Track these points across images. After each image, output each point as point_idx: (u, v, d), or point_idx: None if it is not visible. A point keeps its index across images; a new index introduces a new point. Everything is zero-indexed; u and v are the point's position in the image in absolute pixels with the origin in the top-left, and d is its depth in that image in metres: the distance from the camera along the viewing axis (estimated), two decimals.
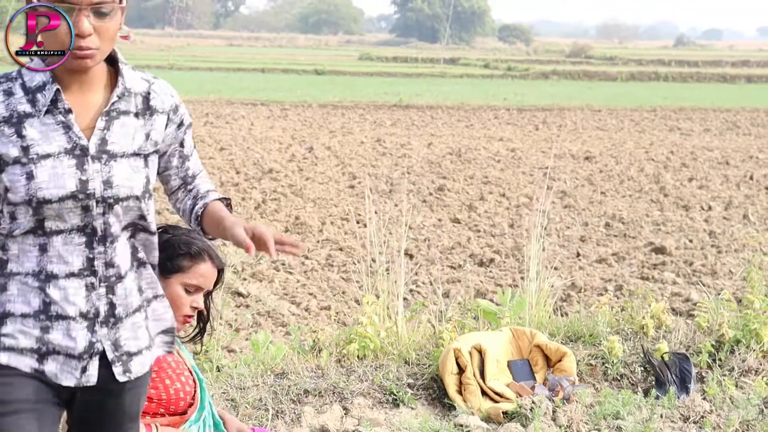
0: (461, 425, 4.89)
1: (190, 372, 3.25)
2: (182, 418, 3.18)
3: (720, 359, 5.97)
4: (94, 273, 2.45)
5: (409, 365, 5.63)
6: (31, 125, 2.45)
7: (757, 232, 11.85)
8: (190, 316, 3.16)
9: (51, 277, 2.44)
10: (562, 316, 6.93)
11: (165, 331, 2.69)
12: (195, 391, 3.24)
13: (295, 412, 4.96)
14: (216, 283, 3.28)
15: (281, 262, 9.94)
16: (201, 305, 3.18)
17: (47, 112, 2.46)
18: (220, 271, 3.27)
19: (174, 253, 3.15)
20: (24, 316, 2.46)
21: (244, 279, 9.12)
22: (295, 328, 6.60)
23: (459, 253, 10.68)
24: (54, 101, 2.47)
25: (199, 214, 2.68)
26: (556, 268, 9.14)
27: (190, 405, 3.20)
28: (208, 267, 3.19)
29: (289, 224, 11.84)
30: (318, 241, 11.07)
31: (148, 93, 2.61)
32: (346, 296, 8.83)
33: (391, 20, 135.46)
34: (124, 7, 2.51)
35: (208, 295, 3.29)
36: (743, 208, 13.92)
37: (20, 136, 2.43)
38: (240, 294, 8.61)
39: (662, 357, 5.70)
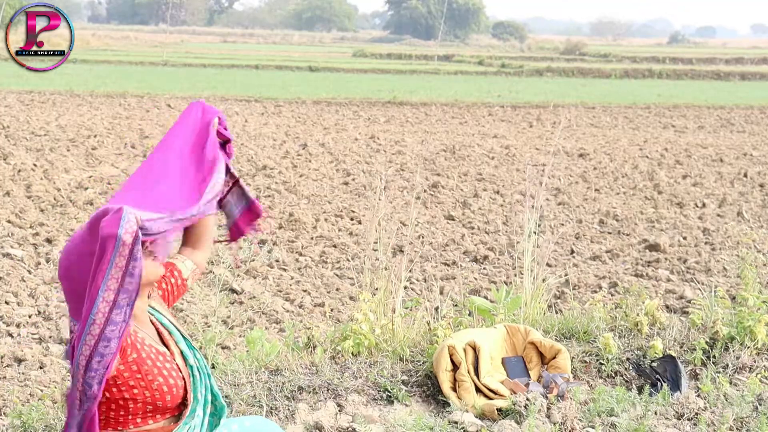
0: (455, 422, 4.88)
1: (182, 365, 3.20)
2: (176, 425, 3.13)
3: (714, 356, 5.98)
4: None
5: (403, 362, 5.62)
6: None
7: (751, 229, 11.87)
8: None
9: None
10: (556, 313, 6.93)
11: None
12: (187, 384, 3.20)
13: (289, 409, 4.95)
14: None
15: (275, 259, 9.93)
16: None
17: None
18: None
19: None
20: None
21: (238, 276, 9.11)
22: (289, 324, 6.59)
23: (453, 250, 10.67)
24: None
25: None
26: (549, 265, 9.14)
27: (183, 399, 3.14)
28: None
29: (283, 221, 11.82)
30: (312, 238, 11.05)
31: None
32: (340, 293, 8.83)
33: (384, 17, 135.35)
34: None
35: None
36: (737, 205, 13.93)
37: None
38: (234, 291, 8.60)
39: (650, 364, 5.70)
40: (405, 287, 6.42)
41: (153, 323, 3.22)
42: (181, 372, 3.15)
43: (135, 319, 3.10)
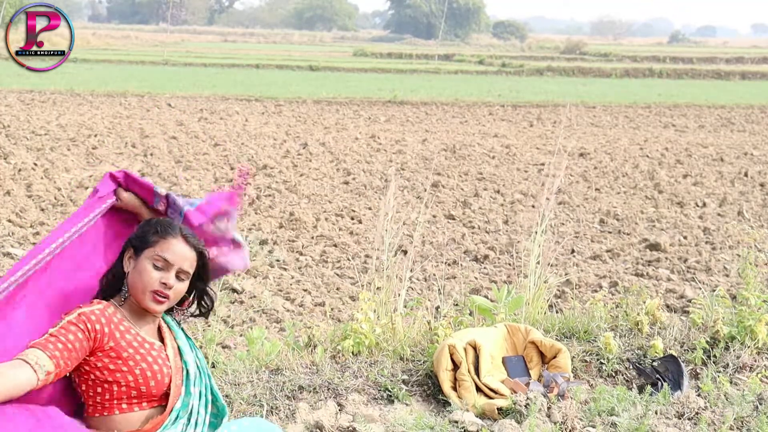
0: (456, 421, 4.88)
1: (173, 357, 3.24)
2: (162, 417, 3.15)
3: (714, 356, 5.97)
4: None
5: (403, 361, 5.62)
6: None
7: (752, 228, 11.86)
8: (160, 294, 3.16)
9: None
10: (556, 312, 6.93)
11: None
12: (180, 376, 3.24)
13: (289, 408, 4.95)
14: (203, 269, 3.29)
15: (276, 258, 9.93)
16: (172, 283, 3.19)
17: None
18: (202, 256, 3.27)
19: (144, 233, 3.24)
20: None
21: (239, 275, 9.11)
22: (289, 324, 6.59)
23: (453, 250, 10.67)
24: None
25: None
26: (550, 265, 9.14)
27: (168, 388, 3.17)
28: (178, 242, 3.22)
29: (284, 220, 11.82)
30: (312, 237, 11.05)
31: None
32: (340, 292, 8.82)
33: (385, 16, 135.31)
34: None
35: (201, 281, 3.31)
36: (738, 204, 13.93)
37: None
38: (234, 290, 8.60)
39: (652, 364, 5.70)
40: (405, 287, 6.42)
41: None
42: (169, 362, 3.19)
43: (133, 314, 3.22)
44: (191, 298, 3.41)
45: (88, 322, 3.03)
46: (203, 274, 3.33)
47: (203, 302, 3.43)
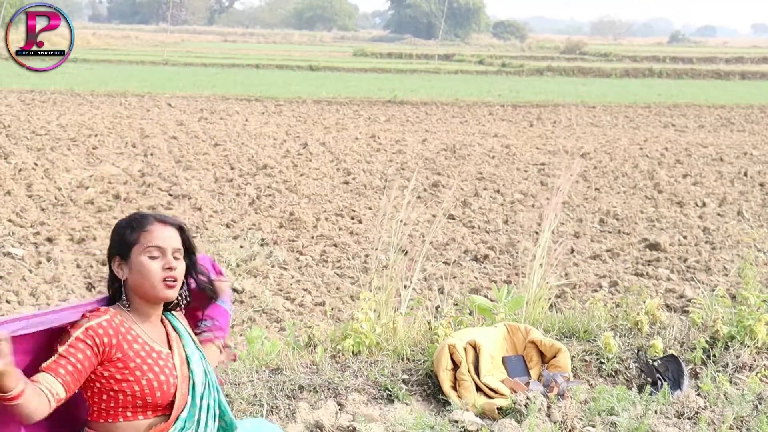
0: (456, 421, 4.88)
1: (179, 364, 3.23)
2: (166, 425, 3.15)
3: (714, 355, 5.98)
4: None
5: (403, 361, 5.62)
6: None
7: (752, 228, 11.87)
8: (170, 279, 3.18)
9: None
10: (556, 312, 6.93)
11: None
12: (187, 386, 3.22)
13: (290, 408, 4.96)
14: (188, 242, 3.31)
15: (276, 258, 9.93)
16: (174, 265, 3.20)
17: None
18: (182, 231, 3.29)
19: (122, 236, 3.21)
20: None
21: (239, 275, 9.11)
22: (289, 323, 6.60)
23: (453, 249, 10.68)
24: None
25: None
26: (551, 265, 9.15)
27: (173, 397, 3.17)
28: (159, 227, 3.22)
29: (284, 220, 11.83)
30: (312, 237, 11.06)
31: None
32: (340, 292, 8.83)
33: (385, 16, 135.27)
34: None
35: (188, 256, 3.32)
36: (737, 204, 13.93)
37: None
38: (235, 290, 8.60)
39: (652, 363, 5.70)
40: (405, 286, 6.42)
41: (164, 325, 3.31)
42: (176, 371, 3.18)
43: (140, 317, 3.22)
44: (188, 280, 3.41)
45: (96, 337, 3.03)
46: (189, 247, 3.33)
47: (199, 278, 3.42)
